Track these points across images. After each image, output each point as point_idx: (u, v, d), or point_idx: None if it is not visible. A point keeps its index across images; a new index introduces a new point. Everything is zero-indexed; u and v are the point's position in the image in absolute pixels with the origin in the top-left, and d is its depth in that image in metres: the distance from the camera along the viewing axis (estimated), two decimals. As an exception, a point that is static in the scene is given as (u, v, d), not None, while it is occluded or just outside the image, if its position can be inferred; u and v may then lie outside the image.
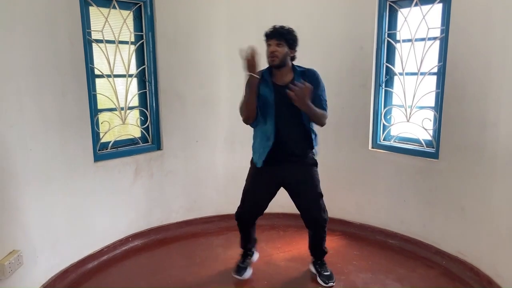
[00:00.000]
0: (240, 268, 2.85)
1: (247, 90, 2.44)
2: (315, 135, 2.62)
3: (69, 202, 2.81)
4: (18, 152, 2.38)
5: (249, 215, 2.75)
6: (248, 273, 2.86)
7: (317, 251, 2.86)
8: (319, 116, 2.45)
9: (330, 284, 2.74)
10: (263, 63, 2.45)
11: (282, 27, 2.45)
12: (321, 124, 2.52)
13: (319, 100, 2.49)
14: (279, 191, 2.72)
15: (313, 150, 2.65)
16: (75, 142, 2.81)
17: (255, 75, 2.36)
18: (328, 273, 2.80)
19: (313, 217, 2.66)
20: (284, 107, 2.46)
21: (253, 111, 2.46)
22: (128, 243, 3.32)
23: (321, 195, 2.67)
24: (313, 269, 2.89)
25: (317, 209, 2.64)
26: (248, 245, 2.92)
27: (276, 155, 2.52)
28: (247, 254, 2.94)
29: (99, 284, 2.83)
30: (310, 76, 2.53)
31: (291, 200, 2.70)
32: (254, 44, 2.37)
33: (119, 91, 3.18)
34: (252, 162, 2.69)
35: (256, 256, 3.03)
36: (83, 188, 2.91)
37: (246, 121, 2.53)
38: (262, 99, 2.50)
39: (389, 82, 3.36)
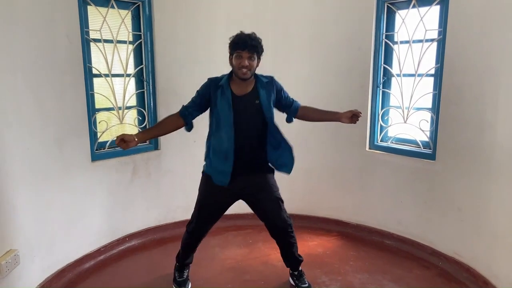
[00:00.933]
0: (181, 282, 2.70)
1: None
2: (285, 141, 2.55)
3: (66, 201, 2.81)
4: (15, 151, 2.37)
5: (203, 231, 2.61)
6: (189, 286, 2.73)
7: (291, 260, 2.69)
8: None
9: None
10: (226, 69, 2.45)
11: (252, 38, 2.29)
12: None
13: (288, 99, 2.60)
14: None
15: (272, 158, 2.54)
16: (72, 141, 2.81)
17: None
18: (306, 285, 2.67)
19: (276, 222, 2.52)
20: (243, 119, 2.36)
21: (164, 133, 2.54)
22: (125, 243, 3.31)
23: (281, 200, 2.55)
24: (291, 282, 2.75)
25: (278, 214, 2.51)
26: (185, 260, 2.74)
27: (236, 170, 2.39)
28: (184, 267, 2.76)
29: (96, 283, 2.82)
30: (274, 84, 2.50)
31: (287, 201, 2.67)
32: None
33: (117, 90, 3.18)
34: (205, 174, 2.52)
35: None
36: (80, 187, 2.91)
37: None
38: (218, 111, 2.37)
39: (387, 83, 3.37)
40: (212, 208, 2.55)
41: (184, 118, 2.46)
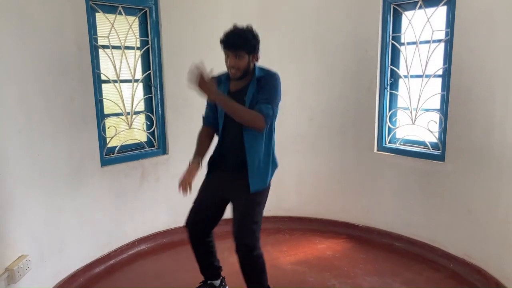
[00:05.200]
0: None
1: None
2: (269, 156, 2.29)
3: (76, 206, 2.83)
4: (26, 157, 2.41)
5: (193, 223, 2.43)
6: None
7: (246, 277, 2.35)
8: (238, 112, 2.13)
9: None
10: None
11: (238, 34, 2.13)
12: (252, 125, 2.16)
13: (262, 98, 2.17)
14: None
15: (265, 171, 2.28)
16: (82, 147, 2.84)
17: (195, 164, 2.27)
18: None
19: (235, 236, 2.23)
20: (230, 116, 2.21)
21: (208, 148, 2.41)
22: (135, 247, 3.33)
23: (253, 220, 2.23)
24: None
25: (241, 229, 2.22)
26: (204, 270, 2.57)
27: (220, 165, 2.34)
28: (205, 283, 2.59)
29: (106, 288, 2.85)
30: (265, 79, 2.22)
31: (295, 204, 2.62)
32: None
33: (125, 96, 3.20)
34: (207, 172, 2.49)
35: None
36: (90, 192, 2.93)
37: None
38: (216, 105, 2.32)
39: (394, 85, 3.36)
40: (201, 197, 2.42)
41: (212, 126, 2.43)
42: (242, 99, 2.22)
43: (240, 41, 2.12)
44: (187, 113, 3.50)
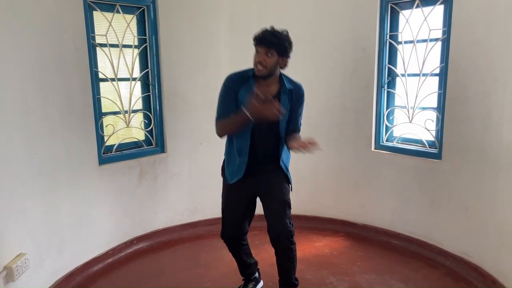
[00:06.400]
0: None
1: (237, 121, 2.20)
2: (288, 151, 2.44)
3: (74, 205, 2.84)
4: (24, 156, 2.41)
5: (231, 234, 2.52)
6: None
7: (284, 279, 2.48)
8: None
9: None
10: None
11: (273, 33, 2.16)
12: None
13: (294, 122, 2.36)
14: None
15: (284, 164, 2.43)
16: (80, 145, 2.84)
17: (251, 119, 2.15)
18: None
19: (276, 225, 2.33)
20: (262, 122, 2.21)
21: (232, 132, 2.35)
22: (133, 245, 3.33)
23: (288, 205, 2.38)
24: None
25: (280, 216, 2.31)
26: (245, 270, 2.69)
27: (249, 169, 2.33)
28: (247, 280, 2.73)
29: (104, 286, 2.84)
30: (296, 94, 2.32)
31: (293, 202, 2.63)
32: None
33: (123, 94, 3.20)
34: (224, 177, 2.49)
35: (260, 285, 2.78)
36: (88, 191, 2.94)
37: (220, 135, 2.37)
38: (241, 106, 2.25)
39: (392, 84, 3.37)
40: (232, 209, 2.48)
41: None
42: None
43: (274, 39, 2.14)
44: (185, 111, 3.51)
